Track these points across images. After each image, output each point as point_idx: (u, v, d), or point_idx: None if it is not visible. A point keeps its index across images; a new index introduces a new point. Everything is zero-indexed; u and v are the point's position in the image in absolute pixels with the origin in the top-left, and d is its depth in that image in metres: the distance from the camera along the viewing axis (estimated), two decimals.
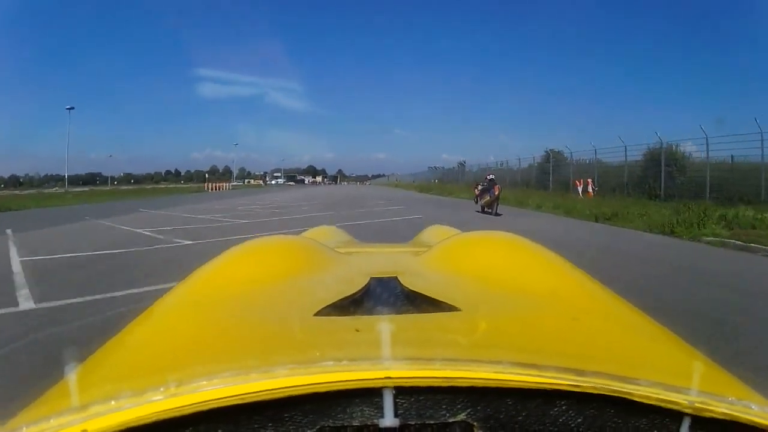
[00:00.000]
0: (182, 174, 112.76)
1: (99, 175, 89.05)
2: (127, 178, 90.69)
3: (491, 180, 12.87)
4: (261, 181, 67.44)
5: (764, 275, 5.38)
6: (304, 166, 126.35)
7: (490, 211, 12.26)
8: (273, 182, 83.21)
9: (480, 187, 13.60)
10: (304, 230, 1.75)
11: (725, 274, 5.29)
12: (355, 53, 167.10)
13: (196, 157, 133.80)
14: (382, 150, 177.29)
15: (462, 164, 39.24)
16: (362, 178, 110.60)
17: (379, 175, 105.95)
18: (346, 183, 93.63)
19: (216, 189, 44.71)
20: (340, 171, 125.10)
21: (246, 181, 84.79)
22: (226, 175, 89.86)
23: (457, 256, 0.85)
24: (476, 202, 13.61)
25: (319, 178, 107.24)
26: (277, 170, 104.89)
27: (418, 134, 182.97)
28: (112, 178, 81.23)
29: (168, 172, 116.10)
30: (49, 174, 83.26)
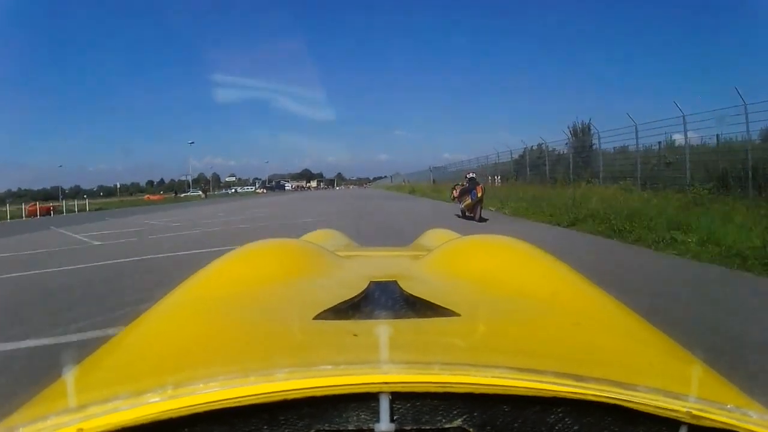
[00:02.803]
0: (165, 183, 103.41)
1: (78, 187, 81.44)
2: (97, 191, 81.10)
3: (472, 179, 10.85)
4: (202, 193, 51.33)
5: None
6: (299, 171, 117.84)
7: (471, 215, 10.22)
8: (240, 189, 72.16)
9: (459, 188, 11.38)
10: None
11: None
12: (354, 57, 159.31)
13: (195, 165, 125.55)
14: (383, 152, 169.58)
15: (585, 129, 15.80)
16: (363, 181, 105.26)
17: (380, 177, 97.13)
18: (344, 186, 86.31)
19: (42, 213, 25.46)
20: (339, 174, 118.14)
21: (232, 189, 72.39)
22: (219, 182, 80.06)
23: (457, 259, 0.84)
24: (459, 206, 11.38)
25: (313, 183, 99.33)
26: (278, 176, 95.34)
27: (418, 135, 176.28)
28: (84, 191, 73.09)
29: (150, 182, 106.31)
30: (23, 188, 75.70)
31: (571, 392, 0.34)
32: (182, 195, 50.08)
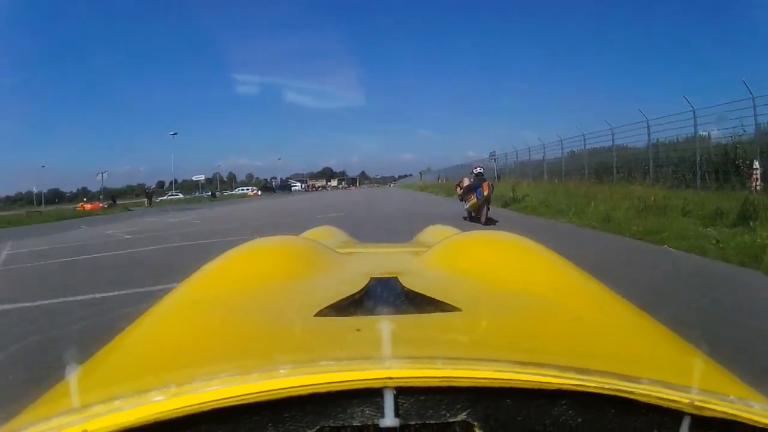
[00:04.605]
0: (176, 184, 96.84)
1: (86, 190, 76.29)
2: (99, 194, 74.78)
3: (479, 175, 9.20)
4: (146, 200, 36.26)
5: None
6: (320, 169, 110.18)
7: (478, 217, 8.74)
8: (242, 189, 62.49)
9: (464, 185, 9.61)
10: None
11: None
12: (373, 56, 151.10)
13: (222, 165, 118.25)
14: (407, 150, 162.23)
15: None
16: (387, 180, 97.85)
17: (404, 176, 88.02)
18: (365, 186, 77.51)
19: None
20: (362, 173, 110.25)
21: (207, 192, 60.28)
22: (226, 183, 72.10)
23: (457, 255, 0.84)
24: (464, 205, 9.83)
25: (333, 182, 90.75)
26: (298, 175, 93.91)
27: (442, 134, 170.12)
28: (90, 193, 67.38)
29: (161, 183, 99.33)
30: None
31: (574, 385, 0.34)
32: (156, 201, 38.93)
